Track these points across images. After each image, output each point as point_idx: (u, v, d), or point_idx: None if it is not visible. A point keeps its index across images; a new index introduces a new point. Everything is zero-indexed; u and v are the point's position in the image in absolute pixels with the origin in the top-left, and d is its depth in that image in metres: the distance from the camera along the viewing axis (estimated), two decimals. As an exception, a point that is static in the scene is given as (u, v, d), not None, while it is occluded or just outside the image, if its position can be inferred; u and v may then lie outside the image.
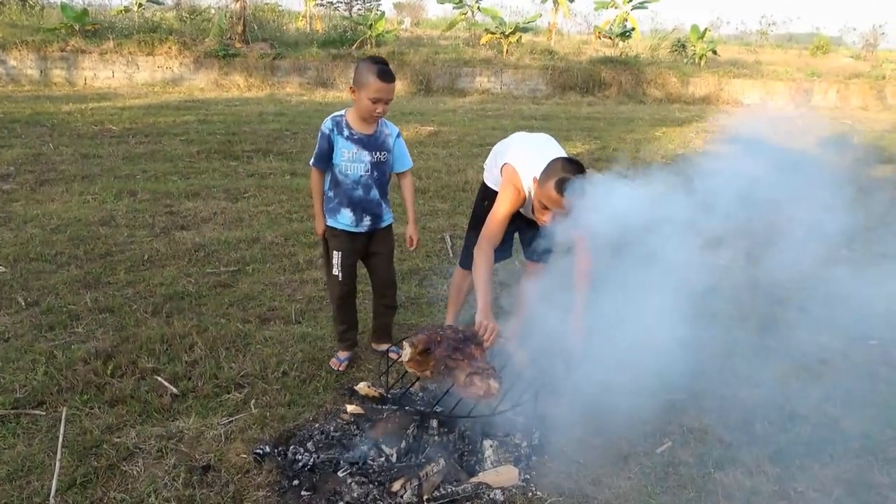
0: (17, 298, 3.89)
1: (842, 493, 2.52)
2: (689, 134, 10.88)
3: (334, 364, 3.33)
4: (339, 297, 3.32)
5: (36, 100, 11.24)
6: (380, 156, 3.12)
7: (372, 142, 3.08)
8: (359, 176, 3.09)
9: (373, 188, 3.14)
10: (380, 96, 2.91)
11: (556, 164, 2.74)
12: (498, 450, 2.64)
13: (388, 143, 3.15)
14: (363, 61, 2.95)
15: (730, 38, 27.17)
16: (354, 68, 2.99)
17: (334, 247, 3.22)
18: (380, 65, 2.90)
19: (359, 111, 3.01)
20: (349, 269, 3.26)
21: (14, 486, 2.39)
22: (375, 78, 2.87)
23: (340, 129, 3.04)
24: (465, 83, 15.56)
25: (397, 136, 3.20)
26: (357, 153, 3.06)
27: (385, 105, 2.95)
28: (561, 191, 2.67)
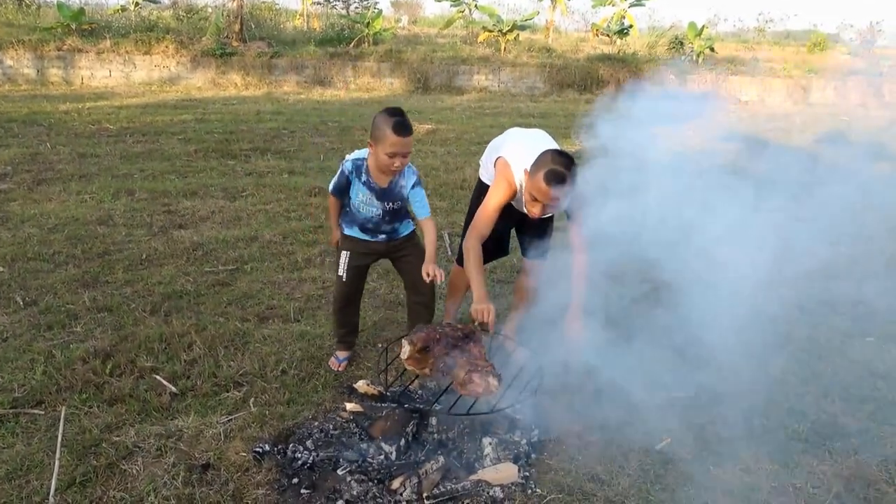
0: (15, 298, 3.88)
1: (840, 489, 2.53)
2: (686, 131, 10.88)
3: (333, 364, 3.32)
4: (340, 298, 3.29)
5: (33, 99, 11.21)
6: (393, 205, 3.09)
7: (385, 194, 3.04)
8: (370, 216, 3.10)
9: (383, 225, 3.14)
10: (396, 150, 2.82)
11: (546, 155, 2.75)
12: (497, 447, 2.64)
13: (402, 193, 3.08)
14: (380, 114, 2.86)
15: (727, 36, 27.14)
16: (372, 121, 2.89)
17: (344, 247, 3.21)
18: (396, 117, 2.80)
19: (377, 165, 2.95)
20: (355, 271, 3.22)
21: (13, 485, 2.39)
22: (391, 132, 2.77)
23: (359, 173, 3.01)
24: (462, 81, 15.54)
25: (413, 185, 3.08)
26: (370, 199, 3.04)
27: (403, 158, 2.87)
28: (549, 182, 2.67)
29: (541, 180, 2.69)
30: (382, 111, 2.88)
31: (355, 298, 3.35)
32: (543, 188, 2.69)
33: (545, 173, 2.68)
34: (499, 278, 4.50)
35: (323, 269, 4.57)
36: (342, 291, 3.27)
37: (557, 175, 2.67)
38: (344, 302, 3.30)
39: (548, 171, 2.68)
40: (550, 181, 2.67)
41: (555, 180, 2.67)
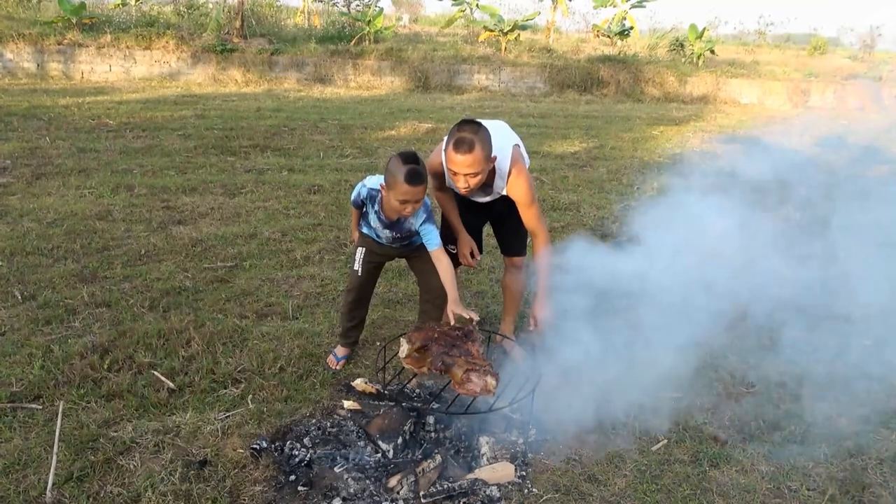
0: (13, 292, 3.88)
1: (835, 492, 2.54)
2: (686, 133, 10.89)
3: (331, 362, 3.32)
4: (353, 291, 3.29)
5: (33, 93, 11.19)
6: (403, 234, 3.10)
7: (396, 226, 3.06)
8: (382, 238, 3.14)
9: (395, 243, 3.17)
10: (408, 199, 2.77)
11: (454, 127, 2.76)
12: (494, 446, 2.65)
13: (412, 229, 3.05)
14: (394, 159, 2.78)
15: (728, 38, 27.16)
16: (386, 163, 2.82)
17: (360, 244, 3.23)
18: (410, 165, 2.72)
19: (387, 210, 2.96)
20: (369, 266, 3.23)
21: (11, 479, 2.39)
22: (404, 182, 2.71)
23: (373, 203, 3.03)
24: (463, 80, 15.53)
25: (422, 223, 2.99)
26: (380, 228, 3.08)
27: (415, 204, 2.82)
28: (456, 149, 2.68)
29: (451, 151, 2.71)
30: (396, 155, 2.79)
31: (367, 294, 3.36)
32: (454, 158, 2.71)
33: (453, 143, 2.70)
34: (497, 278, 4.50)
35: (321, 267, 4.57)
36: (355, 286, 3.28)
37: (463, 141, 2.67)
38: (355, 295, 3.31)
39: (455, 139, 2.70)
40: (458, 149, 2.68)
41: (462, 147, 2.67)
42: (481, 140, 2.70)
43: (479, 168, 2.73)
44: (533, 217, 3.04)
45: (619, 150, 9.17)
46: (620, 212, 6.05)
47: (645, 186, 7.17)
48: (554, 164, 8.03)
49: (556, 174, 7.51)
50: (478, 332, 2.81)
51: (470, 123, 2.73)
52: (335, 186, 6.55)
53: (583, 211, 6.20)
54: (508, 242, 3.43)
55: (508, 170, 2.95)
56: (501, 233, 3.43)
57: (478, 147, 2.68)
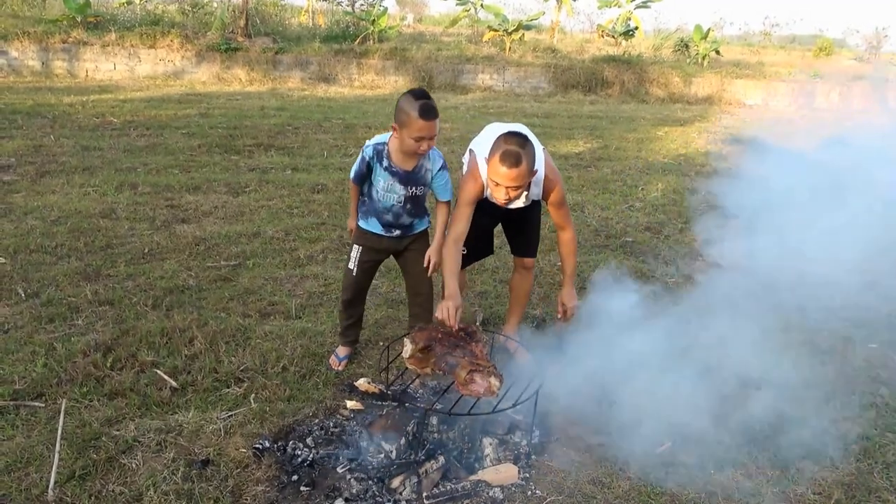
0: (17, 290, 3.88)
1: (841, 496, 2.52)
2: (691, 134, 10.86)
3: (333, 363, 3.31)
4: (348, 290, 3.26)
5: (37, 91, 11.21)
6: (416, 190, 3.02)
7: (410, 177, 2.97)
8: (391, 204, 3.03)
9: (403, 215, 3.07)
10: (423, 135, 2.75)
11: (500, 139, 2.74)
12: (498, 448, 2.64)
13: (426, 178, 3.02)
14: (404, 97, 2.77)
15: (733, 39, 27.12)
16: (396, 104, 2.81)
17: (356, 241, 3.18)
18: (422, 100, 2.72)
19: (402, 148, 2.88)
20: (365, 266, 3.20)
21: (13, 477, 2.38)
22: (418, 117, 2.70)
23: (380, 158, 2.95)
24: (467, 80, 15.51)
25: (439, 169, 3.03)
26: (392, 185, 2.97)
27: (430, 141, 2.80)
28: (503, 163, 2.67)
29: (496, 163, 2.69)
30: (406, 93, 2.79)
31: (363, 292, 3.33)
32: (499, 171, 2.69)
33: (499, 155, 2.68)
34: (502, 279, 4.49)
35: (325, 266, 4.56)
36: (351, 284, 3.24)
37: (511, 154, 2.66)
38: (351, 294, 3.28)
39: (501, 152, 2.68)
40: (504, 162, 2.67)
41: (508, 160, 2.66)
42: (527, 154, 2.70)
43: (523, 182, 2.74)
44: (563, 215, 3.13)
45: (623, 151, 9.14)
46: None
47: (649, 188, 7.15)
48: (558, 165, 7.94)
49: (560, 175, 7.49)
50: (482, 333, 2.80)
51: (516, 136, 2.72)
52: (339, 185, 6.54)
53: (587, 212, 6.18)
54: (521, 243, 3.41)
55: (543, 175, 2.98)
56: (514, 233, 3.42)
57: (524, 161, 2.68)
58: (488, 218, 3.24)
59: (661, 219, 6.06)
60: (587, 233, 5.57)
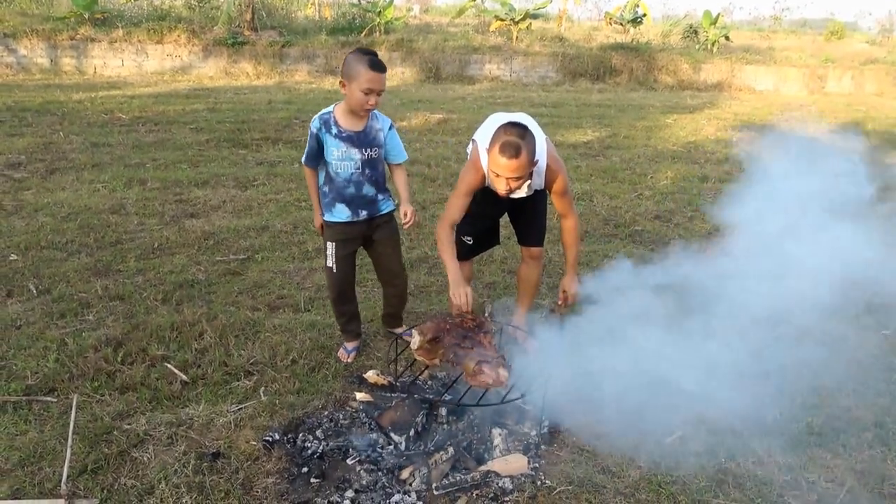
0: (28, 286, 3.91)
1: (854, 484, 2.50)
2: (700, 121, 10.76)
3: (342, 356, 3.31)
4: (334, 288, 3.25)
5: (46, 88, 11.26)
6: (371, 153, 3.01)
7: (362, 139, 2.98)
8: (349, 174, 3.00)
9: (365, 185, 3.05)
10: (372, 87, 2.79)
11: (499, 129, 2.72)
12: (507, 438, 2.64)
13: (378, 138, 3.03)
14: (352, 53, 2.84)
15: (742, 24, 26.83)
16: (343, 62, 2.88)
17: (328, 237, 3.15)
18: (370, 55, 2.80)
19: (350, 105, 2.89)
20: (344, 259, 3.18)
21: (26, 471, 2.41)
22: (367, 68, 2.76)
23: (329, 127, 2.94)
24: (474, 70, 15.45)
25: (390, 128, 3.08)
26: (346, 151, 2.96)
27: (377, 96, 2.84)
28: (503, 154, 2.66)
29: (496, 154, 2.69)
30: (354, 51, 2.84)
31: (350, 286, 3.31)
32: (499, 162, 2.69)
33: (499, 147, 2.67)
34: (510, 269, 4.48)
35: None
36: (334, 282, 3.22)
37: (510, 145, 2.65)
38: (338, 291, 3.26)
39: (501, 143, 2.67)
40: (504, 153, 2.66)
41: (508, 152, 2.65)
42: (528, 144, 2.68)
43: (524, 172, 2.73)
44: (566, 203, 3.11)
45: (632, 139, 9.08)
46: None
47: (658, 176, 7.10)
48: (566, 154, 7.96)
49: (568, 164, 7.44)
50: (490, 324, 2.79)
51: (516, 126, 2.71)
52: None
53: (595, 201, 6.15)
54: (527, 233, 3.40)
55: (545, 165, 2.96)
56: (521, 223, 3.40)
57: (524, 152, 2.66)
58: (494, 208, 3.23)
59: (671, 207, 6.01)
60: (596, 222, 5.54)
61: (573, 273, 3.22)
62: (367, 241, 3.23)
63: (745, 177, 4.83)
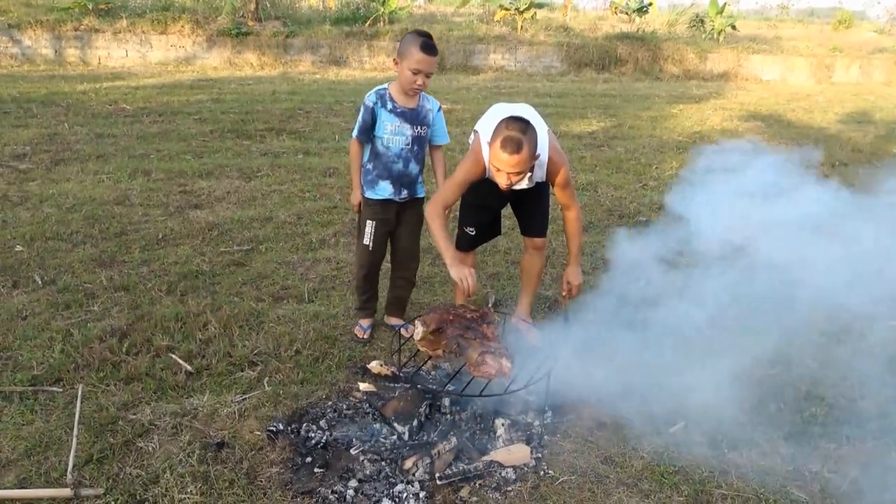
0: (33, 277, 3.93)
1: (857, 474, 2.49)
2: (706, 111, 10.70)
3: (359, 332, 3.40)
4: (367, 265, 3.36)
5: (51, 79, 11.27)
6: (420, 130, 3.16)
7: (414, 116, 3.13)
8: (400, 149, 3.14)
9: (412, 161, 3.19)
10: (420, 68, 2.94)
11: (501, 124, 2.71)
12: (510, 428, 2.64)
13: (429, 118, 3.19)
14: (409, 34, 3.00)
15: (749, 13, 26.64)
16: (400, 40, 3.04)
17: (368, 216, 3.26)
18: (424, 38, 2.94)
19: (401, 83, 3.05)
20: (381, 238, 3.31)
21: (32, 461, 2.43)
22: (418, 49, 2.91)
23: (384, 102, 3.09)
24: (478, 60, 15.39)
25: (438, 110, 3.24)
26: (399, 126, 3.11)
27: (426, 78, 2.99)
28: (504, 149, 2.65)
29: (497, 149, 2.68)
30: (411, 32, 3.02)
31: (378, 265, 3.43)
32: (500, 157, 2.68)
33: (500, 141, 2.66)
34: (514, 260, 4.47)
35: (337, 250, 4.57)
36: (369, 260, 3.33)
37: (512, 141, 2.64)
38: (369, 269, 3.38)
39: (502, 138, 2.66)
40: (505, 148, 2.65)
41: (509, 147, 2.64)
42: (529, 140, 2.67)
43: (524, 167, 2.73)
44: (569, 195, 3.10)
45: (637, 130, 9.04)
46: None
47: (663, 167, 7.07)
48: (571, 144, 7.94)
49: (573, 154, 7.43)
50: (493, 315, 2.79)
51: (517, 121, 2.70)
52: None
53: (600, 191, 6.13)
54: (530, 223, 3.39)
55: (547, 158, 2.94)
56: (523, 213, 3.40)
57: (525, 147, 2.66)
58: (496, 198, 3.22)
59: (676, 198, 5.98)
60: (600, 212, 5.52)
61: (576, 264, 3.21)
62: (396, 221, 3.34)
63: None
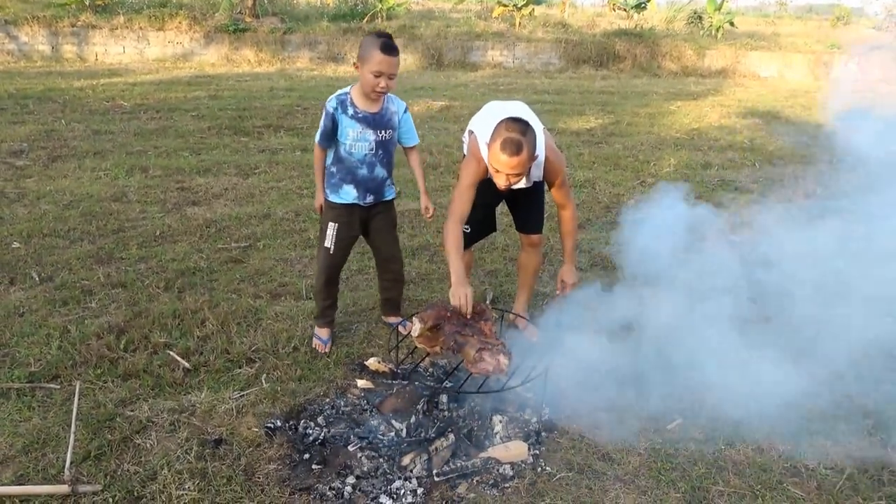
0: (31, 274, 3.92)
1: (853, 471, 2.50)
2: (704, 108, 10.70)
3: (318, 346, 3.26)
4: (327, 269, 3.22)
5: (48, 76, 11.24)
6: (385, 134, 3.04)
7: (377, 120, 3.00)
8: (363, 155, 3.02)
9: (377, 166, 3.07)
10: (382, 69, 2.81)
11: (500, 125, 2.71)
12: (507, 425, 2.65)
13: (393, 121, 3.07)
14: (368, 36, 2.88)
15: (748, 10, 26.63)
16: (360, 44, 2.92)
17: (330, 219, 3.14)
18: (384, 38, 2.81)
19: (363, 87, 2.92)
20: (343, 242, 3.17)
21: (30, 458, 2.43)
22: (379, 51, 2.77)
23: (345, 108, 2.96)
24: (476, 57, 15.36)
25: (404, 111, 3.13)
26: (362, 132, 2.98)
27: (389, 80, 2.85)
28: (503, 150, 2.65)
29: (497, 151, 2.68)
30: (369, 34, 2.91)
31: (339, 271, 3.32)
32: (500, 158, 2.68)
33: (500, 143, 2.66)
34: (511, 257, 4.47)
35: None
36: (329, 263, 3.20)
37: (511, 143, 2.64)
38: (330, 273, 3.24)
39: (502, 140, 2.65)
40: (505, 150, 2.65)
41: (509, 149, 2.64)
42: (528, 141, 2.68)
43: (524, 169, 2.73)
44: (564, 194, 3.10)
45: (635, 127, 9.04)
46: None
47: (661, 164, 7.07)
48: (569, 141, 7.94)
49: (571, 151, 7.43)
50: (491, 311, 2.79)
51: (517, 122, 2.69)
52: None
53: (598, 188, 6.13)
54: (526, 220, 3.39)
55: (544, 158, 2.95)
56: (519, 211, 3.40)
57: (525, 149, 2.66)
58: (491, 196, 3.22)
59: (674, 194, 5.99)
60: (598, 209, 5.53)
61: (571, 263, 3.22)
62: (365, 227, 3.24)
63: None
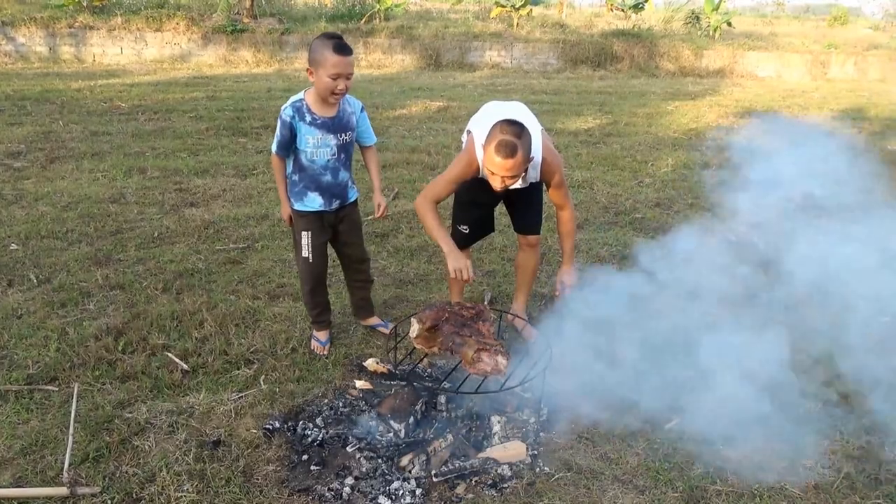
0: (29, 275, 3.92)
1: (851, 470, 2.51)
2: (702, 108, 10.71)
3: (317, 348, 3.26)
4: (310, 279, 3.19)
5: (45, 77, 11.23)
6: (345, 137, 3.00)
7: (336, 124, 2.94)
8: (326, 161, 2.96)
9: (340, 170, 3.04)
10: (339, 71, 2.74)
11: (496, 127, 2.71)
12: (506, 425, 2.65)
13: (352, 122, 3.02)
14: (316, 40, 2.79)
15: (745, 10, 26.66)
16: (309, 48, 2.82)
17: (302, 227, 3.08)
18: (335, 39, 2.75)
19: (318, 91, 2.84)
20: (319, 248, 3.14)
21: (28, 460, 2.43)
22: (332, 53, 2.71)
23: (302, 115, 2.87)
24: (474, 57, 15.36)
25: (361, 110, 3.08)
26: (323, 138, 2.91)
27: (347, 81, 2.79)
28: (498, 153, 2.65)
29: (492, 153, 2.68)
30: (318, 37, 2.81)
31: (324, 276, 3.28)
32: (495, 161, 2.68)
33: (495, 146, 2.66)
34: (509, 257, 4.48)
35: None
36: (311, 272, 3.17)
37: (506, 145, 2.64)
38: (314, 282, 3.22)
39: (497, 143, 2.66)
40: (499, 153, 2.65)
41: (504, 151, 2.65)
42: (524, 144, 2.68)
43: (519, 171, 2.74)
44: (562, 195, 3.11)
45: (633, 127, 9.04)
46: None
47: (659, 164, 7.08)
48: (567, 141, 7.94)
49: (569, 151, 7.43)
50: (489, 312, 2.80)
51: (512, 125, 2.70)
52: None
53: (596, 188, 6.13)
54: (523, 220, 3.40)
55: (541, 158, 2.95)
56: (517, 211, 3.40)
57: (520, 151, 2.66)
58: (489, 196, 3.22)
59: (671, 194, 6.00)
60: (596, 210, 5.53)
61: (570, 264, 3.22)
62: (333, 230, 3.20)
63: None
